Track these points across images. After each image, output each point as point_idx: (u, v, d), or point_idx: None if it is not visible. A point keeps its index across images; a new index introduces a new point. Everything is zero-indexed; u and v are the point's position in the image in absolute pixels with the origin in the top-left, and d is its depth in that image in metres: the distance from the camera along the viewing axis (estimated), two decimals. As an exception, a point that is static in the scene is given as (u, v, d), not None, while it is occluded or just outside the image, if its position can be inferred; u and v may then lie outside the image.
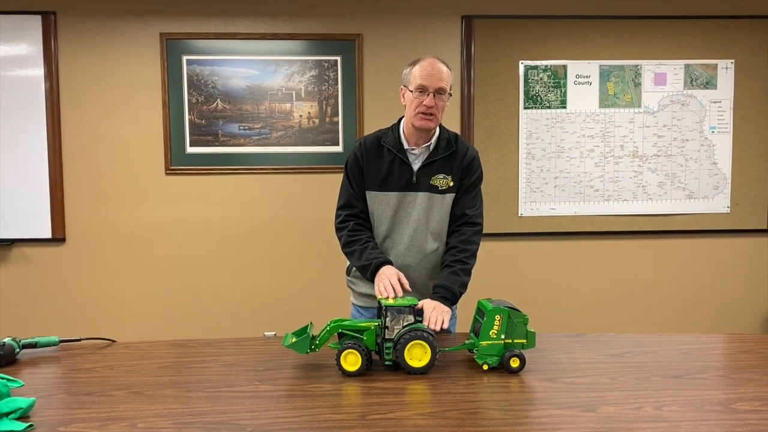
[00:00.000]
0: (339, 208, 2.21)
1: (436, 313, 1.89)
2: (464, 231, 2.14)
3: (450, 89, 2.08)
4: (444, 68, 2.05)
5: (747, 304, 3.85)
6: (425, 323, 1.82)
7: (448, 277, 2.07)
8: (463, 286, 2.09)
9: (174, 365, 1.76)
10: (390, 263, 2.06)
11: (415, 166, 2.12)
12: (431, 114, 2.04)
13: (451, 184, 2.13)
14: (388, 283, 1.92)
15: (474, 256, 2.15)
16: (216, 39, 3.52)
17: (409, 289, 1.96)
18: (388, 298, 1.81)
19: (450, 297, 2.03)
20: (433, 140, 2.13)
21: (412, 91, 2.05)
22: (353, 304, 2.32)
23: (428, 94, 2.02)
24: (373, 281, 2.03)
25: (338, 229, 2.20)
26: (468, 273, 2.12)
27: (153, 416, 1.38)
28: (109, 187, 3.57)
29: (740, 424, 1.33)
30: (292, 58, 3.56)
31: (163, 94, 3.52)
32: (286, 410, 1.42)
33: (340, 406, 1.45)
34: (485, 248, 2.26)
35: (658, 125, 3.69)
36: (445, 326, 1.88)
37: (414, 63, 2.08)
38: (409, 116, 2.09)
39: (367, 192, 2.16)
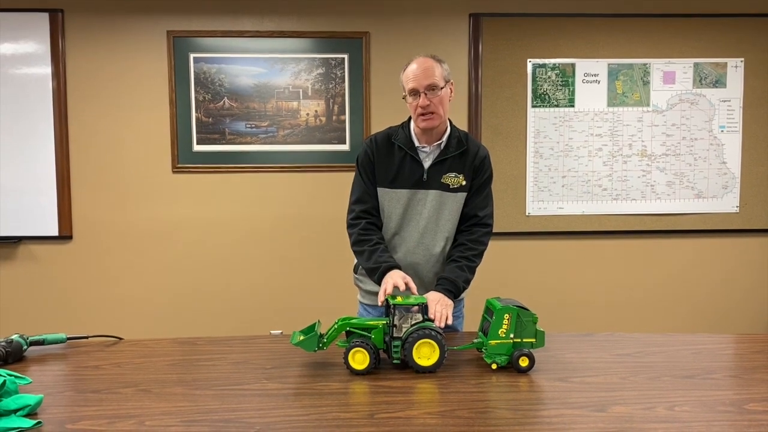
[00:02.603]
0: (352, 203, 2.20)
1: (440, 307, 1.89)
2: (475, 231, 2.14)
3: (447, 81, 2.07)
4: (432, 63, 2.03)
5: (756, 303, 3.83)
6: (430, 315, 1.82)
7: (453, 270, 2.07)
8: (467, 282, 2.11)
9: (181, 363, 1.75)
10: (399, 267, 2.05)
11: (426, 164, 2.11)
12: (429, 113, 2.04)
13: (463, 182, 2.12)
14: (391, 284, 1.91)
15: (481, 255, 2.15)
16: (223, 37, 3.51)
17: (416, 293, 1.94)
18: (396, 297, 1.80)
19: (454, 290, 2.04)
20: (444, 138, 2.12)
21: (405, 96, 2.07)
22: (360, 302, 2.31)
23: (420, 95, 2.02)
24: (380, 284, 2.02)
25: (350, 226, 2.19)
26: (473, 271, 2.12)
27: (161, 414, 1.38)
28: (116, 185, 3.57)
29: (754, 425, 1.32)
30: (299, 56, 3.55)
31: (170, 92, 3.52)
32: (294, 408, 1.41)
33: (348, 405, 1.44)
34: (493, 247, 2.25)
35: (667, 124, 3.67)
36: (449, 322, 1.87)
37: (406, 65, 2.08)
38: (414, 119, 2.10)
39: (377, 188, 2.15)
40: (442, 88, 2.04)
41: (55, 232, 3.55)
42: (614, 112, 3.65)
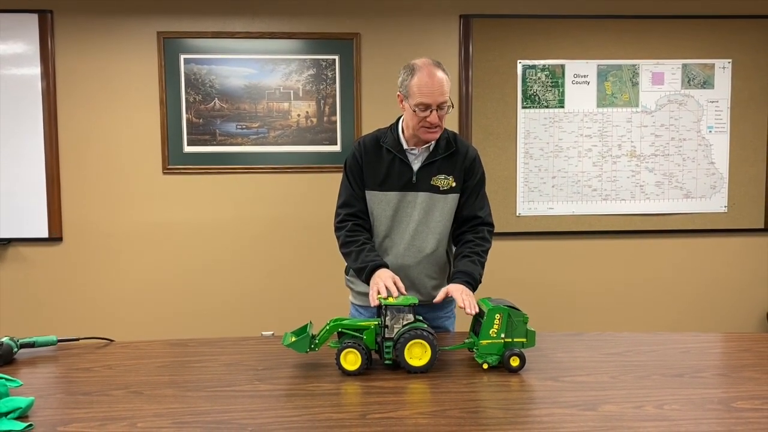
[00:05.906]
0: (338, 207, 2.20)
1: (466, 296, 1.86)
2: (479, 230, 2.13)
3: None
4: (443, 77, 1.99)
5: (744, 303, 3.86)
6: (460, 305, 1.81)
7: (467, 264, 2.03)
8: (480, 277, 2.06)
9: (173, 365, 1.75)
10: (386, 266, 2.03)
11: (415, 166, 2.11)
12: (437, 126, 2.02)
13: (453, 184, 2.12)
14: (383, 286, 1.89)
15: (487, 252, 2.12)
16: (214, 38, 3.51)
17: (405, 292, 1.90)
18: (387, 297, 1.80)
19: (473, 283, 2.00)
20: (433, 141, 2.12)
21: (414, 109, 1.99)
22: (352, 303, 2.31)
23: (430, 110, 1.98)
24: (368, 284, 2.01)
25: (337, 229, 2.19)
26: (483, 266, 2.08)
27: (152, 416, 1.38)
28: (106, 186, 3.55)
29: (741, 423, 1.33)
30: (290, 57, 3.55)
31: (161, 93, 3.51)
32: (286, 409, 1.42)
33: (340, 405, 1.45)
34: (484, 247, 2.25)
35: (656, 125, 3.69)
36: (476, 310, 1.80)
37: (411, 71, 2.00)
38: (413, 128, 2.04)
39: (366, 191, 2.15)
40: (449, 105, 2.02)
41: (45, 234, 3.53)
42: (603, 113, 3.67)
